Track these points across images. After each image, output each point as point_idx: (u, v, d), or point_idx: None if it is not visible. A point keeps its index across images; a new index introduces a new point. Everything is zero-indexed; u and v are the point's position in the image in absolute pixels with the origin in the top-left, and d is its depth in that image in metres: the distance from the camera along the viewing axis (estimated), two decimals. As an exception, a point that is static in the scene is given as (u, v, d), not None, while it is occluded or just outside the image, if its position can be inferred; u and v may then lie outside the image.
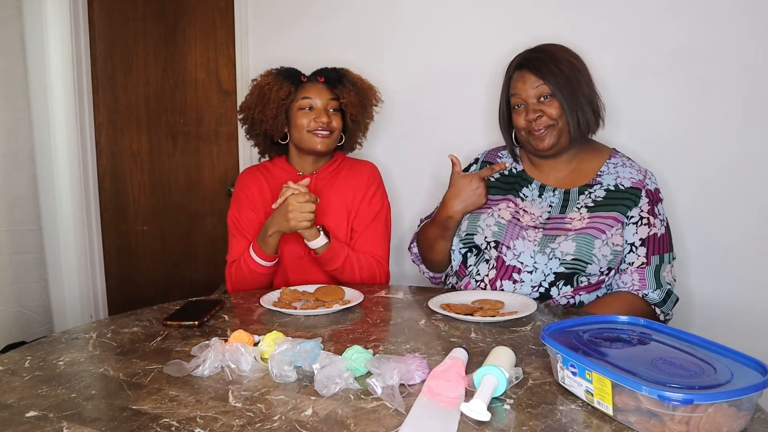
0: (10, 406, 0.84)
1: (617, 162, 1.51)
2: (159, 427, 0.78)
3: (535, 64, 1.45)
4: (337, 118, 1.65)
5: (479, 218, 1.52)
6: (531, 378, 0.93)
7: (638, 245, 1.43)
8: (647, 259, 1.43)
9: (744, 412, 0.73)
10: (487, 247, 1.49)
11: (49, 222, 2.53)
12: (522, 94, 1.47)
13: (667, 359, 0.82)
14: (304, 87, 1.64)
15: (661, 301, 1.43)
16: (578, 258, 1.39)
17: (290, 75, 1.66)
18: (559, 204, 1.49)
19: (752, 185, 1.67)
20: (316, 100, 1.62)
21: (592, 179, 1.49)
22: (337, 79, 1.66)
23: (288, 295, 1.36)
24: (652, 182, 1.48)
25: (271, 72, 1.67)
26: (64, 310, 2.57)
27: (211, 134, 2.54)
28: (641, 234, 1.43)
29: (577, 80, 1.44)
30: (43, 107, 2.46)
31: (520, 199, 1.53)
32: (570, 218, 1.45)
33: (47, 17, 2.41)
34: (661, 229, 1.46)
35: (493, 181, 1.59)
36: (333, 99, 1.64)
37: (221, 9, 2.42)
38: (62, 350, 1.07)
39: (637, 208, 1.44)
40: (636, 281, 1.42)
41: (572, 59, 1.47)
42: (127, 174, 2.68)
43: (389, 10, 2.07)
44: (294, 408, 0.83)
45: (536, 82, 1.44)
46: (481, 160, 1.67)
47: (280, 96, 1.61)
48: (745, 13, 1.63)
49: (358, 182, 1.69)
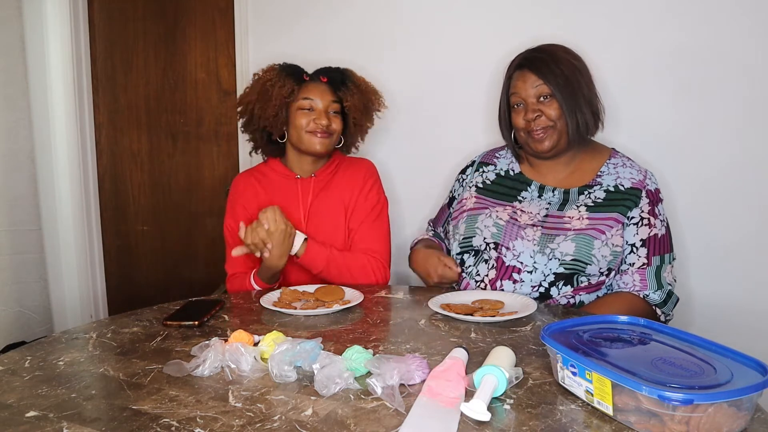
0: (10, 406, 0.84)
1: (617, 162, 1.51)
2: (159, 427, 0.78)
3: (535, 63, 1.45)
4: (337, 120, 1.62)
5: (477, 220, 1.52)
6: (531, 378, 0.92)
7: (639, 246, 1.43)
8: (648, 260, 1.43)
9: (744, 412, 0.73)
10: (486, 248, 1.49)
11: (49, 222, 2.53)
12: (521, 93, 1.47)
13: (667, 359, 0.82)
14: (306, 86, 1.61)
15: (662, 302, 1.43)
16: (578, 259, 1.39)
17: (293, 72, 1.62)
18: (558, 202, 1.48)
19: (752, 185, 1.67)
20: (317, 100, 1.59)
21: (592, 179, 1.49)
22: (341, 81, 1.62)
23: (288, 295, 1.36)
24: (653, 182, 1.48)
25: (274, 67, 1.63)
26: (64, 310, 2.57)
27: (211, 134, 2.54)
28: (642, 235, 1.43)
29: (578, 81, 1.44)
30: (43, 107, 2.46)
31: (518, 202, 1.53)
32: (569, 217, 1.44)
33: (47, 17, 2.41)
34: (662, 229, 1.46)
35: (490, 184, 1.59)
36: (335, 101, 1.61)
37: (221, 9, 2.42)
38: (62, 350, 1.07)
39: (637, 208, 1.44)
40: (637, 282, 1.42)
41: (573, 60, 1.47)
42: (127, 174, 2.68)
43: (389, 10, 2.07)
44: (294, 408, 0.83)
45: (536, 81, 1.44)
46: (477, 162, 1.67)
47: (282, 94, 1.58)
48: (745, 13, 1.63)
49: (355, 180, 1.66)
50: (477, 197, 1.58)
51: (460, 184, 1.68)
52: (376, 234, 1.63)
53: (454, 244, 1.56)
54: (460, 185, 1.68)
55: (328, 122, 1.58)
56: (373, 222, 1.64)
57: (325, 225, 1.61)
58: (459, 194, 1.66)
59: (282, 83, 1.58)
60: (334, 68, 1.67)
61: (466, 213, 1.56)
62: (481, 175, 1.63)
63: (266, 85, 1.59)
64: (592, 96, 1.48)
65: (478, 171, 1.64)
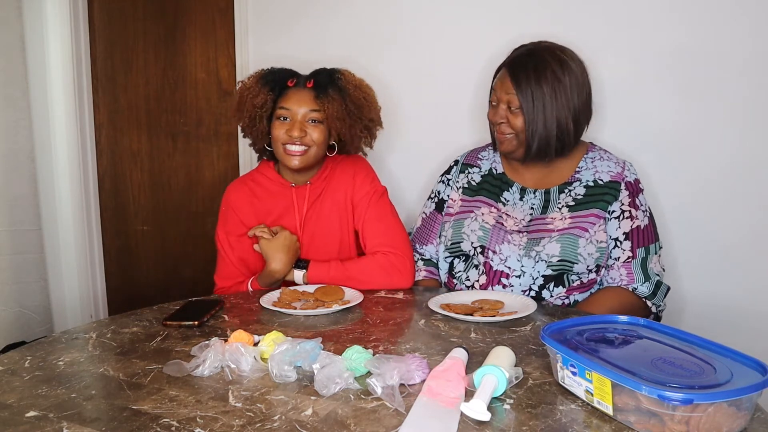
0: (10, 406, 0.85)
1: (594, 156, 1.50)
2: (159, 427, 0.78)
3: (517, 71, 1.41)
4: (318, 130, 1.48)
5: (463, 224, 1.51)
6: (531, 378, 0.93)
7: (622, 239, 1.43)
8: (633, 253, 1.42)
9: (744, 411, 0.73)
10: (474, 253, 1.48)
11: (49, 222, 2.53)
12: (497, 92, 1.46)
13: (666, 359, 0.82)
14: (286, 94, 1.50)
15: (651, 293, 1.42)
16: (564, 259, 1.39)
17: (275, 79, 1.51)
18: (541, 205, 1.48)
19: (753, 185, 1.67)
20: (295, 109, 1.47)
21: (570, 176, 1.48)
22: (326, 85, 1.49)
23: (288, 295, 1.36)
24: (632, 173, 1.47)
25: (258, 74, 1.54)
26: (64, 310, 2.57)
27: (211, 134, 2.54)
28: (624, 228, 1.43)
29: (553, 100, 1.38)
30: (43, 107, 2.45)
31: (502, 204, 1.52)
32: (551, 218, 1.44)
33: (47, 17, 2.40)
34: (644, 220, 1.45)
35: (475, 185, 1.57)
36: (315, 110, 1.48)
37: (221, 9, 2.42)
38: (62, 350, 1.07)
39: (617, 202, 1.43)
40: (624, 276, 1.42)
41: (560, 73, 1.39)
42: (127, 174, 2.68)
43: (389, 9, 2.07)
44: (294, 408, 0.83)
45: (510, 90, 1.42)
46: (461, 162, 1.64)
47: (254, 104, 1.49)
48: (745, 12, 1.63)
49: (345, 179, 1.57)
50: (462, 200, 1.57)
51: (446, 184, 1.63)
52: (384, 226, 1.53)
53: (441, 247, 1.55)
54: (446, 185, 1.63)
55: (301, 133, 1.46)
56: (377, 215, 1.54)
57: (320, 232, 1.55)
58: (447, 195, 1.62)
59: (256, 93, 1.49)
60: (326, 71, 1.54)
61: (453, 217, 1.55)
62: (467, 176, 1.60)
63: (243, 94, 1.52)
64: (568, 115, 1.40)
65: (463, 172, 1.61)
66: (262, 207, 1.57)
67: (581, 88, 1.43)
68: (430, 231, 1.63)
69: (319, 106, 1.48)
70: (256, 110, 1.50)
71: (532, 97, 1.39)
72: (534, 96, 1.39)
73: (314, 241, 1.56)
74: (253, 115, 1.51)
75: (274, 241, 1.47)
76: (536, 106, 1.39)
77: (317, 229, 1.56)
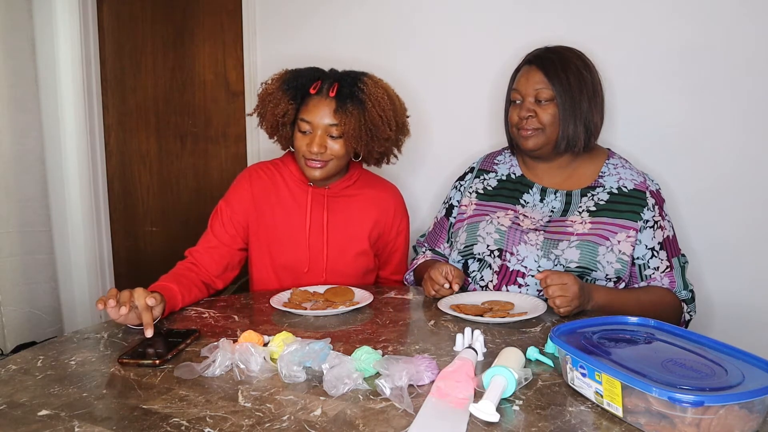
0: (23, 404, 0.85)
1: (616, 163, 1.49)
2: (169, 426, 0.78)
3: (545, 63, 1.43)
4: (339, 143, 1.44)
5: (477, 227, 1.49)
6: (540, 379, 0.92)
7: (658, 249, 1.41)
8: (670, 263, 1.42)
9: (756, 414, 0.72)
10: (490, 255, 1.46)
11: (59, 223, 2.55)
12: (522, 89, 1.45)
13: (677, 360, 0.82)
14: (307, 104, 1.45)
15: (689, 299, 1.43)
16: (582, 266, 1.37)
17: (298, 85, 1.46)
18: (561, 207, 1.47)
19: (763, 183, 1.66)
20: (316, 122, 1.43)
21: (594, 181, 1.47)
22: (347, 96, 1.43)
23: (298, 295, 1.37)
24: (654, 183, 1.47)
25: (280, 77, 1.49)
26: (74, 311, 2.59)
27: (219, 135, 2.55)
28: (658, 237, 1.42)
29: (580, 93, 1.41)
30: (52, 109, 2.48)
31: (521, 206, 1.51)
32: (571, 221, 1.42)
33: (57, 20, 2.43)
34: (671, 230, 1.45)
35: (491, 190, 1.56)
36: (334, 124, 1.43)
37: (229, 11, 2.43)
38: (74, 350, 1.07)
39: (650, 211, 1.42)
40: (666, 284, 1.41)
41: (583, 70, 1.43)
42: (136, 175, 2.70)
43: (398, 10, 2.07)
44: (303, 408, 0.84)
45: (540, 82, 1.42)
46: (477, 168, 1.63)
47: (276, 113, 1.46)
48: (750, 12, 1.63)
49: (382, 209, 1.59)
50: (477, 204, 1.55)
51: (457, 190, 1.63)
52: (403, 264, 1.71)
53: (454, 252, 1.54)
54: (457, 191, 1.63)
55: (320, 150, 1.42)
56: (401, 255, 1.69)
57: (335, 242, 1.54)
58: (458, 201, 1.61)
59: (277, 101, 1.46)
60: (351, 77, 1.47)
61: (466, 221, 1.53)
62: (482, 182, 1.59)
63: (265, 100, 1.49)
64: (592, 111, 1.43)
65: (478, 178, 1.60)
66: (275, 196, 1.56)
67: (598, 87, 1.46)
68: (439, 235, 1.65)
69: (338, 120, 1.42)
70: (277, 119, 1.48)
71: (564, 85, 1.41)
72: (565, 85, 1.41)
73: (324, 248, 1.54)
74: (275, 123, 1.49)
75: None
76: (568, 96, 1.41)
77: (331, 237, 1.54)
